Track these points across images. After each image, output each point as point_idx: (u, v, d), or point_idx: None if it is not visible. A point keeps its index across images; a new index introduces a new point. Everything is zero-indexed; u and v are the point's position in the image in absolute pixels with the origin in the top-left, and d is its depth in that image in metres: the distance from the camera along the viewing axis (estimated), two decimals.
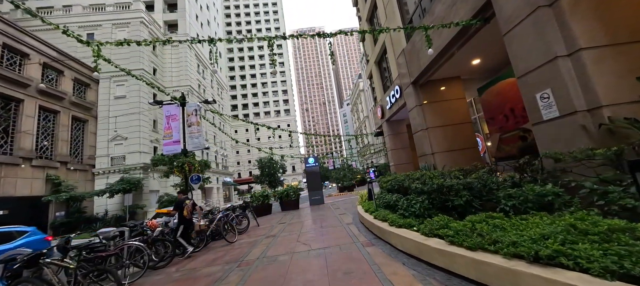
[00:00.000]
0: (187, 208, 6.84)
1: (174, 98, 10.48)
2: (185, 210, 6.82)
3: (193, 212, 7.07)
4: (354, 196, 18.27)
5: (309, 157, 16.59)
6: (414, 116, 10.24)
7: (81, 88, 22.60)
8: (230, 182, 41.59)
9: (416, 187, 4.59)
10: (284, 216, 12.12)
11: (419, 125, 9.98)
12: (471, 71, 9.66)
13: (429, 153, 9.55)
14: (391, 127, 16.27)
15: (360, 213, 7.03)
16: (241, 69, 75.31)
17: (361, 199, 9.45)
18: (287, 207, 14.89)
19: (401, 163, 15.77)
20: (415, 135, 10.36)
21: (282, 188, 15.07)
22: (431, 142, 9.50)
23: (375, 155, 52.41)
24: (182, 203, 6.98)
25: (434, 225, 3.48)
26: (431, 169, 9.10)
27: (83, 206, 20.55)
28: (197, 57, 33.74)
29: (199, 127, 10.37)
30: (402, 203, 4.80)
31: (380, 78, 16.95)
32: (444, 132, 9.57)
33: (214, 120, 37.99)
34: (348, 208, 11.49)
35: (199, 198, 29.07)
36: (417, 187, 4.59)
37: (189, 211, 6.87)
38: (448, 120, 9.65)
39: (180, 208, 6.92)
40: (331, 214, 10.14)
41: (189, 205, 6.92)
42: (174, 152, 10.39)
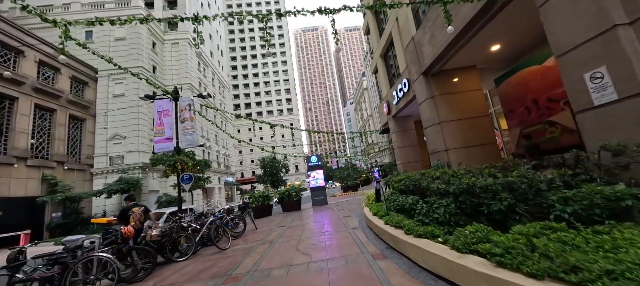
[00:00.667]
0: (134, 218, 5.78)
1: (166, 92, 9.79)
2: (132, 219, 5.74)
3: (144, 220, 5.98)
4: (359, 196, 17.45)
5: (311, 156, 15.83)
6: (425, 110, 9.39)
7: (79, 87, 22.14)
8: (233, 181, 41.05)
9: (438, 188, 3.78)
10: (284, 218, 11.37)
11: (430, 120, 9.14)
12: (488, 59, 8.78)
13: (442, 149, 8.70)
14: (398, 123, 15.40)
15: (368, 217, 6.23)
16: (244, 68, 74.86)
17: (368, 200, 8.64)
18: (288, 207, 14.15)
19: (409, 162, 14.91)
20: (427, 131, 9.51)
21: (283, 188, 14.30)
22: (444, 137, 8.64)
23: (380, 154, 51.45)
24: (127, 211, 5.94)
25: (469, 238, 2.67)
26: (445, 167, 8.26)
27: (80, 207, 20.07)
28: (197, 54, 33.13)
29: (192, 123, 9.68)
30: (420, 207, 4.00)
31: (386, 73, 16.09)
32: (459, 126, 8.71)
33: (216, 119, 37.46)
34: (353, 209, 10.69)
35: (200, 199, 28.54)
36: (439, 187, 3.78)
37: (138, 221, 5.79)
38: (463, 113, 8.79)
39: (124, 217, 5.87)
40: (335, 216, 9.35)
41: (137, 213, 5.88)
42: (166, 150, 9.71)
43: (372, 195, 8.79)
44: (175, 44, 30.01)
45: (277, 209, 15.38)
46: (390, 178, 6.89)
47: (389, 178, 7.13)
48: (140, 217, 5.90)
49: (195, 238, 6.35)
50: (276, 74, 75.41)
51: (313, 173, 15.41)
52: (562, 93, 7.23)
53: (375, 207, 6.41)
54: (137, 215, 5.87)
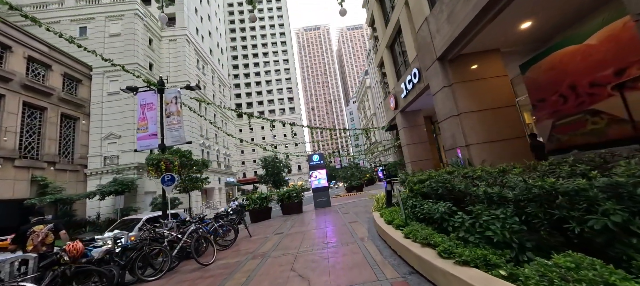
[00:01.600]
0: (35, 240, 4.44)
1: (150, 84, 8.82)
2: (31, 242, 4.41)
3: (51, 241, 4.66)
4: (364, 197, 16.35)
5: (313, 154, 14.78)
6: (441, 100, 8.28)
7: (72, 84, 21.33)
8: (233, 182, 40.16)
9: (488, 192, 2.69)
10: (283, 222, 10.33)
11: (447, 111, 8.03)
12: (515, 40, 7.64)
13: (462, 144, 7.58)
14: (406, 118, 14.29)
15: (380, 225, 5.15)
16: (245, 67, 74.06)
17: (377, 203, 7.55)
18: (288, 210, 13.11)
19: (419, 160, 13.78)
20: (442, 125, 8.40)
21: (282, 189, 13.26)
22: (465, 130, 7.52)
23: (384, 153, 50.22)
24: (24, 232, 4.57)
25: (572, 278, 1.59)
26: (466, 165, 7.16)
27: (73, 209, 19.26)
28: (196, 52, 32.31)
29: (179, 118, 8.68)
30: (459, 220, 2.91)
31: (393, 65, 14.98)
32: (481, 118, 7.59)
33: (216, 118, 36.60)
34: (359, 212, 9.61)
35: (199, 200, 27.64)
36: (489, 192, 2.69)
37: (40, 243, 4.45)
38: (486, 103, 7.67)
39: (21, 238, 4.49)
40: (340, 221, 8.28)
41: (40, 234, 4.54)
42: (150, 148, 8.72)
43: (382, 197, 7.69)
44: (173, 41, 29.15)
45: (277, 211, 14.35)
46: (407, 178, 5.80)
47: (406, 178, 6.03)
48: (45, 238, 4.54)
49: (172, 252, 5.33)
50: (278, 73, 74.49)
51: (315, 172, 14.36)
52: (608, 76, 6.09)
53: (389, 213, 5.33)
54: (41, 236, 4.50)
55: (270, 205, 14.42)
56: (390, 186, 7.03)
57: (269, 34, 76.75)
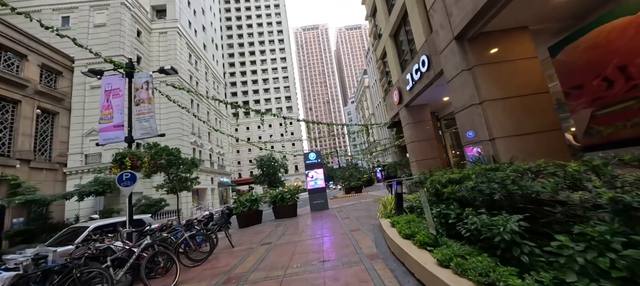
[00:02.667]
0: None
1: (116, 65, 7.51)
2: None
3: None
4: (364, 199, 15.11)
5: (309, 152, 13.52)
6: (459, 86, 7.05)
7: (51, 76, 19.86)
8: (227, 182, 38.73)
9: (616, 198, 1.44)
10: (275, 228, 9.06)
11: (466, 100, 6.80)
12: (548, 15, 6.44)
13: (485, 138, 6.36)
14: (411, 113, 13.08)
15: (393, 239, 3.89)
16: (242, 65, 72.65)
17: (384, 209, 6.28)
18: (281, 213, 11.83)
19: (425, 159, 12.57)
20: (460, 115, 7.17)
21: (275, 191, 11.99)
22: (489, 121, 6.30)
23: (383, 153, 49.08)
24: None
25: None
26: (489, 162, 5.94)
27: (49, 211, 17.78)
28: (188, 45, 30.91)
29: (150, 106, 7.38)
30: (561, 247, 1.65)
31: (397, 55, 13.77)
32: (508, 107, 6.38)
33: (209, 116, 35.20)
34: (361, 217, 8.37)
35: (189, 201, 26.21)
36: (617, 197, 1.44)
37: None
38: (514, 90, 6.46)
39: None
40: (339, 229, 7.03)
41: None
42: (114, 142, 7.40)
43: (390, 200, 6.43)
44: (164, 33, 27.75)
45: (269, 214, 13.05)
46: (427, 178, 4.56)
47: (425, 178, 4.80)
48: None
49: (120, 271, 4.02)
50: (275, 71, 73.16)
51: (311, 172, 13.10)
52: None
53: (404, 224, 4.07)
54: None
55: (263, 207, 13.16)
56: (400, 188, 5.77)
57: (266, 32, 75.41)
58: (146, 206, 17.59)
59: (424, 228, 3.51)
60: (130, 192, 6.78)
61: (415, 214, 4.79)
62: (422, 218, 4.19)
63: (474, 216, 2.56)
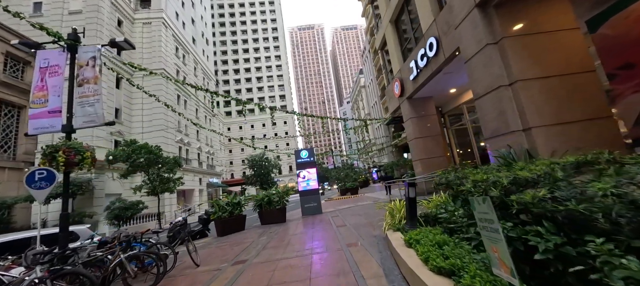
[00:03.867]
0: None
1: (56, 36, 6.00)
2: None
3: None
4: (362, 202, 13.75)
5: (301, 150, 12.10)
6: (482, 65, 5.74)
7: (16, 66, 17.99)
8: (217, 183, 36.99)
9: None
10: (257, 238, 7.62)
11: (491, 81, 5.49)
12: None
13: (518, 128, 5.05)
14: (414, 106, 11.79)
15: (418, 274, 2.48)
16: (235, 63, 70.85)
17: (391, 218, 4.90)
18: (268, 219, 10.37)
19: (431, 157, 11.29)
20: (483, 102, 5.85)
21: (262, 192, 10.53)
22: (523, 107, 5.00)
23: (378, 153, 47.93)
24: None
25: None
26: (522, 158, 4.64)
27: (11, 215, 15.94)
28: (175, 38, 29.19)
29: (97, 87, 5.88)
30: None
31: (399, 43, 12.48)
32: (547, 89, 5.09)
33: (198, 114, 33.48)
34: (360, 225, 7.00)
35: (174, 203, 24.48)
36: None
37: None
38: (553, 68, 5.17)
39: None
40: (333, 243, 5.65)
41: None
42: (49, 131, 5.87)
43: (397, 207, 5.05)
44: (148, 24, 26.02)
45: (255, 219, 11.56)
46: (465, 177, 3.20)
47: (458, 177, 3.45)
48: None
49: None
50: (269, 69, 71.55)
51: (303, 172, 11.68)
52: None
53: (430, 247, 2.71)
54: None
55: (249, 210, 11.68)
56: (414, 190, 4.40)
57: (261, 29, 73.76)
58: (121, 209, 15.90)
59: (472, 259, 2.12)
60: (44, 197, 5.23)
61: (440, 229, 3.41)
62: (459, 239, 2.81)
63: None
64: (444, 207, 3.91)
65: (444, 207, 3.91)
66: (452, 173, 3.85)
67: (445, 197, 4.81)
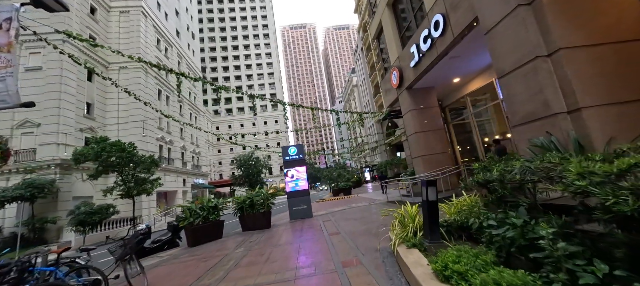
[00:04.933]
0: None
1: None
2: None
3: None
4: (356, 203, 12.58)
5: (289, 146, 10.82)
6: (511, 33, 4.60)
7: None
8: (204, 184, 35.16)
9: None
10: (232, 251, 6.31)
11: (524, 52, 4.37)
12: None
13: (561, 110, 3.94)
14: (414, 97, 10.68)
15: None
16: (224, 60, 68.80)
17: (402, 229, 3.66)
18: (250, 224, 9.04)
19: (432, 154, 10.20)
20: (511, 78, 4.72)
21: (244, 194, 9.16)
22: (569, 82, 3.89)
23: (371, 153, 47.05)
24: None
25: None
26: (571, 147, 3.55)
27: None
28: (156, 29, 27.32)
29: (10, 57, 4.42)
30: None
31: (397, 29, 11.36)
32: (598, 59, 3.99)
33: (182, 111, 31.63)
34: (357, 233, 5.81)
35: (153, 206, 22.67)
36: None
37: None
38: (605, 33, 4.08)
39: None
40: (326, 260, 4.43)
41: None
42: None
43: (410, 213, 3.82)
44: (125, 13, 24.12)
45: (236, 224, 10.16)
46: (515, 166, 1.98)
47: (508, 167, 2.23)
48: None
49: None
50: (260, 67, 69.79)
51: (291, 170, 10.41)
52: None
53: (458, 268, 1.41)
54: None
55: (229, 214, 10.30)
56: (434, 191, 3.19)
57: (251, 25, 71.94)
58: (87, 214, 14.15)
59: None
60: None
61: (483, 248, 2.20)
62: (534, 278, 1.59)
63: None
64: (482, 216, 2.70)
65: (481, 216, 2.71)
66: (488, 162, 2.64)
67: (475, 199, 3.63)
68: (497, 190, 2.64)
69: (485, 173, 2.77)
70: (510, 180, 2.36)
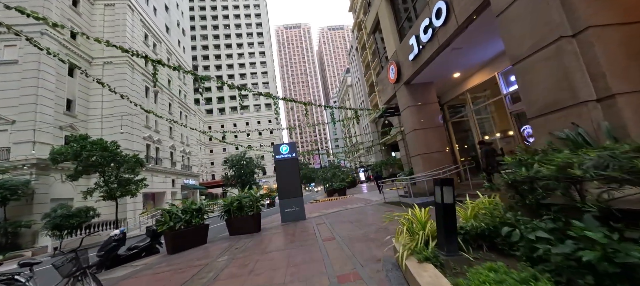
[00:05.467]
0: None
1: None
2: None
3: None
4: (352, 205, 12.01)
5: (280, 144, 10.19)
6: (531, 11, 4.08)
7: None
8: (194, 185, 34.12)
9: None
10: (214, 260, 5.67)
11: (543, 34, 3.86)
12: None
13: (590, 98, 3.43)
14: (413, 93, 10.18)
15: None
16: (217, 58, 67.60)
17: (410, 238, 3.05)
18: (238, 228, 8.37)
19: (432, 152, 9.71)
20: (528, 64, 4.20)
21: (232, 196, 8.46)
22: (599, 65, 3.38)
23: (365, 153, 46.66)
24: None
25: None
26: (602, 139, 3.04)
27: None
28: (144, 23, 26.28)
29: None
30: None
31: (394, 20, 10.83)
32: (631, 38, 3.49)
33: (172, 109, 30.60)
34: (354, 239, 5.24)
35: (139, 209, 21.66)
36: None
37: None
38: (636, 10, 3.58)
39: None
40: (319, 274, 3.84)
41: None
42: None
43: (419, 218, 3.22)
44: (110, 6, 23.06)
45: (223, 227, 9.45)
46: None
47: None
48: None
49: None
50: (253, 66, 68.82)
51: (281, 162, 9.77)
52: None
53: None
54: None
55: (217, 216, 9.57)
56: (451, 193, 2.61)
57: (244, 24, 70.87)
58: (63, 217, 13.18)
59: None
60: None
61: (525, 266, 1.62)
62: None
63: None
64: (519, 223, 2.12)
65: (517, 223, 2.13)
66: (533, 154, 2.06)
67: (493, 201, 3.07)
68: (536, 190, 2.08)
69: (526, 168, 2.20)
70: (581, 176, 1.75)
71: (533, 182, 2.06)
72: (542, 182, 1.99)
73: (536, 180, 2.04)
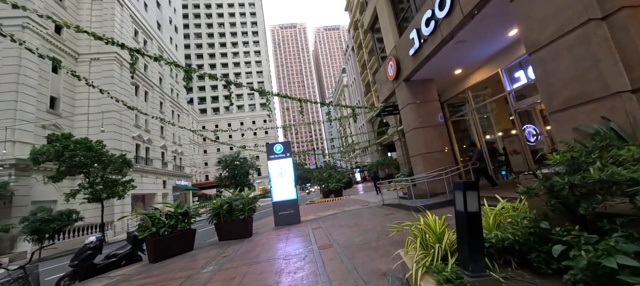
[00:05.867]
0: None
1: None
2: None
3: None
4: (349, 206, 11.54)
5: (274, 143, 9.66)
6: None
7: None
8: (187, 186, 33.26)
9: None
10: (198, 271, 5.16)
11: (567, 18, 3.42)
12: None
13: (624, 88, 2.99)
14: (413, 90, 9.75)
15: None
16: (211, 57, 66.57)
17: (423, 253, 2.56)
18: (228, 233, 7.83)
19: (432, 152, 9.30)
20: (549, 52, 3.76)
21: (222, 198, 7.88)
22: (636, 51, 2.94)
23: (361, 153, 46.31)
24: None
25: None
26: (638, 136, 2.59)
27: None
28: (134, 19, 25.43)
29: None
30: None
31: (394, 14, 10.40)
32: None
33: (163, 108, 29.75)
34: (354, 246, 4.76)
35: (128, 211, 20.84)
36: None
37: None
38: None
39: None
40: (318, 283, 3.26)
41: None
42: None
43: (433, 227, 2.72)
44: (98, 0, 22.18)
45: (211, 232, 8.87)
46: None
47: None
48: None
49: None
50: (248, 65, 67.99)
51: (276, 169, 9.24)
52: None
53: None
54: None
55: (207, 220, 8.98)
56: (476, 199, 2.14)
57: (239, 22, 69.98)
58: (43, 221, 12.40)
59: None
60: None
61: None
62: None
63: None
64: (574, 240, 1.66)
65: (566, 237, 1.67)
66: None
67: (523, 207, 2.61)
68: (592, 197, 1.62)
69: (589, 170, 1.74)
70: None
71: (595, 185, 1.60)
72: (614, 187, 1.54)
73: (612, 184, 1.58)
